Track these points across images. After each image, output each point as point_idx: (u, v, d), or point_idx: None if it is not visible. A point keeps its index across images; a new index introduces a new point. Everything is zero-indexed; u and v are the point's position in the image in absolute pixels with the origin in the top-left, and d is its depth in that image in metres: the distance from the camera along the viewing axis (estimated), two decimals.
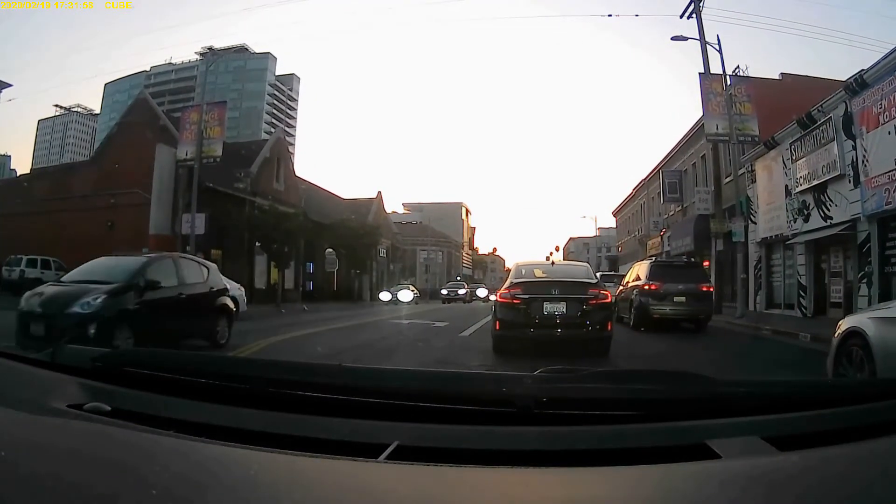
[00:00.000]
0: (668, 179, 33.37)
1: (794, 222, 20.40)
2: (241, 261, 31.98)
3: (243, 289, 18.00)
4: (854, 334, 5.68)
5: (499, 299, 9.51)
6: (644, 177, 43.50)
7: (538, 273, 10.20)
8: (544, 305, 9.00)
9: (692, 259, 26.31)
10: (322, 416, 1.22)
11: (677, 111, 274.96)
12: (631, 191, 48.63)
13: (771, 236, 22.42)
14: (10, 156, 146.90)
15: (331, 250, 39.48)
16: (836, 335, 5.68)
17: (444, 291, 48.96)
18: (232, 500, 0.82)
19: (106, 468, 0.91)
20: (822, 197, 18.69)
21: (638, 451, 1.07)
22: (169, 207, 28.87)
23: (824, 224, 18.39)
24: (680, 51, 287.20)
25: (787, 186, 21.00)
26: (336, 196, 52.82)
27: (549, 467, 1.01)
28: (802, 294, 20.26)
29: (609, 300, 9.50)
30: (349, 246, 40.20)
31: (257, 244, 31.87)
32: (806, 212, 19.66)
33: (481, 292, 54.47)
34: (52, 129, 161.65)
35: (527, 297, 9.08)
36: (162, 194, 28.84)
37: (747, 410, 1.30)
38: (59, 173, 38.43)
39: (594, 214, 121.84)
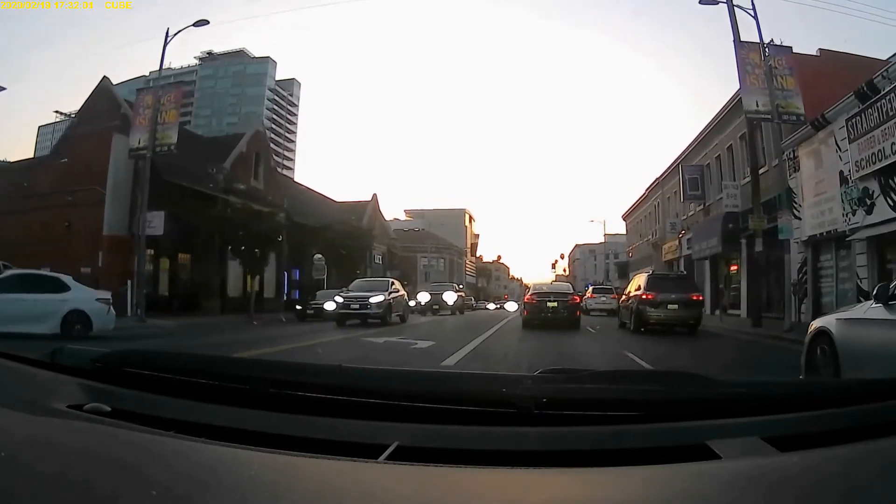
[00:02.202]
0: (689, 175, 29.95)
1: (853, 215, 16.93)
2: (212, 265, 28.74)
3: (108, 299, 14.01)
4: (822, 334, 6.20)
5: (525, 301, 19.37)
6: (658, 175, 40.06)
7: (544, 287, 20.74)
8: (546, 303, 18.01)
9: (684, 272, 27.18)
10: (322, 417, 1.22)
11: (692, 106, 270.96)
12: (644, 191, 45.19)
13: (821, 233, 18.93)
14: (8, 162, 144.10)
15: (319, 256, 36.26)
16: (808, 334, 6.18)
17: (338, 299, 21.95)
18: (232, 501, 0.82)
19: (106, 469, 0.91)
20: (891, 182, 15.26)
21: (638, 452, 1.07)
22: (126, 205, 25.68)
23: (895, 215, 14.98)
24: (694, 41, 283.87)
25: (841, 172, 17.56)
26: (328, 199, 49.59)
27: (549, 468, 1.01)
28: (863, 301, 16.76)
29: (578, 301, 19.44)
30: (339, 251, 36.82)
31: (229, 247, 28.61)
32: (869, 201, 16.19)
33: (448, 297, 33.97)
34: (52, 135, 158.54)
35: (539, 299, 18.32)
36: (118, 190, 25.70)
37: (747, 411, 1.29)
38: (19, 170, 35.14)
39: (602, 219, 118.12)
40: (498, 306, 70.16)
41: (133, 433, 1.09)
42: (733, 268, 27.18)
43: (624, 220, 56.04)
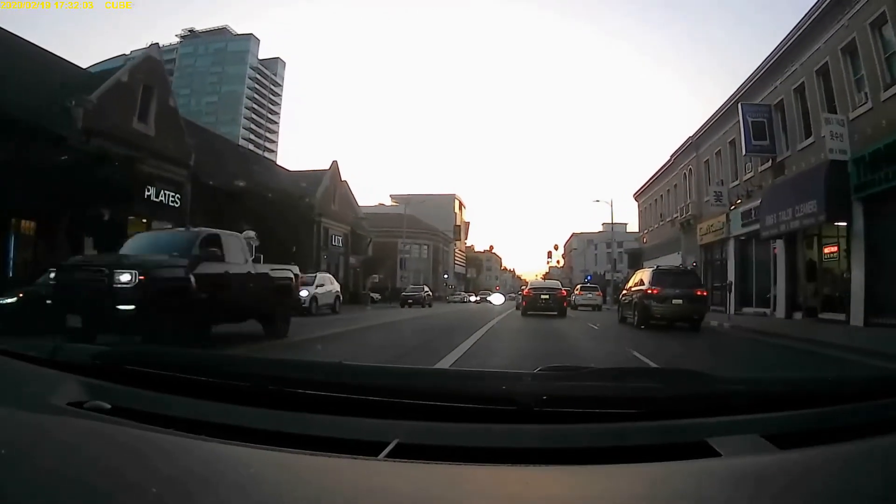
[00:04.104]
0: (752, 117, 20.97)
1: None
2: (64, 237, 19.75)
3: None
4: None
5: (524, 294, 25.61)
6: (691, 134, 31.02)
7: (539, 284, 27.02)
8: (541, 296, 23.60)
9: (688, 266, 24.96)
10: (322, 414, 1.21)
11: (705, 76, 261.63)
12: (668, 158, 36.07)
13: None
14: None
15: (251, 232, 27.39)
16: None
17: None
18: (232, 498, 0.82)
19: (106, 466, 0.91)
20: None
21: (638, 449, 1.07)
22: None
23: None
24: None
25: None
26: (277, 165, 40.80)
27: (549, 465, 1.01)
28: None
29: (565, 294, 25.23)
30: (276, 227, 27.75)
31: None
32: None
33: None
34: None
35: (535, 292, 24.00)
36: None
37: (748, 408, 1.28)
38: None
39: (609, 199, 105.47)
40: (479, 299, 58.68)
41: (133, 431, 1.08)
42: (829, 249, 18.41)
43: (635, 199, 47.24)
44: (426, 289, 41.79)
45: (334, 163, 40.33)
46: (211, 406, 1.25)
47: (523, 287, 34.54)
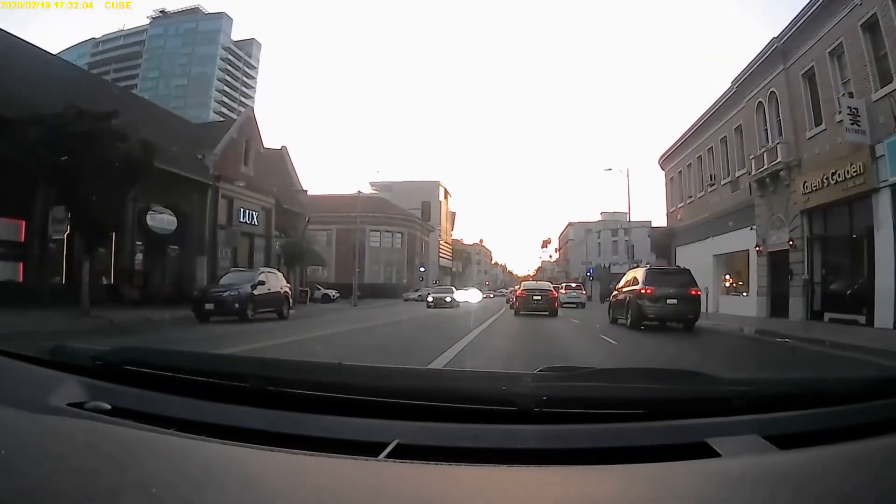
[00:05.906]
0: None
1: None
2: None
3: None
4: None
5: (517, 295, 26.49)
6: (776, 35, 19.63)
7: (531, 285, 27.73)
8: (533, 297, 24.71)
9: (680, 265, 21.79)
10: (322, 415, 1.21)
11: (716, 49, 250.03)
12: (728, 87, 24.71)
13: None
14: None
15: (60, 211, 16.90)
16: None
17: None
18: (232, 499, 0.82)
19: (106, 467, 0.91)
20: None
21: (638, 450, 1.07)
22: None
23: None
24: None
25: None
26: (172, 114, 29.57)
27: (548, 466, 1.01)
28: None
29: (555, 295, 26.02)
30: (116, 187, 16.51)
31: None
32: None
33: None
34: None
35: (527, 293, 25.26)
36: None
37: (747, 409, 1.27)
38: None
39: (625, 167, 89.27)
40: (433, 301, 35.76)
41: (133, 431, 1.08)
42: None
43: (661, 167, 36.37)
44: (265, 280, 18.98)
45: (249, 110, 29.02)
46: (211, 407, 1.24)
47: (516, 288, 35.96)
